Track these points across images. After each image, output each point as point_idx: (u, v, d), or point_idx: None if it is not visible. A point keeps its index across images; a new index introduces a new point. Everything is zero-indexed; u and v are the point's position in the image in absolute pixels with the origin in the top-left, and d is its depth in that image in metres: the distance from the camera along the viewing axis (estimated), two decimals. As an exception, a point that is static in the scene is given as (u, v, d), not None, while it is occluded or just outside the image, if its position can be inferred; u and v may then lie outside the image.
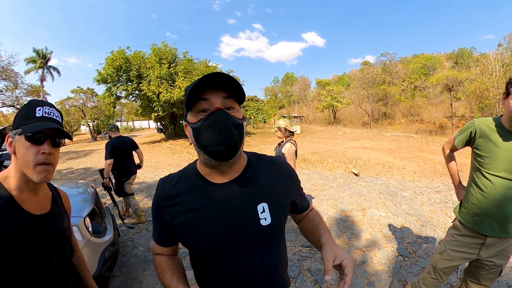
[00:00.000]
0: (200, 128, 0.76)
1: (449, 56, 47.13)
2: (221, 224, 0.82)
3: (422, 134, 20.81)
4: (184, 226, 0.84)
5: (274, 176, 0.92)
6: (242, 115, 0.83)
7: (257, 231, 0.84)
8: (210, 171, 0.85)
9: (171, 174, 0.94)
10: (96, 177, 8.93)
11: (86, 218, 2.38)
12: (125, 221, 4.17)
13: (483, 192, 1.57)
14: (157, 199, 0.91)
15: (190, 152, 14.03)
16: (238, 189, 0.85)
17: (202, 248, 0.84)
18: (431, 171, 7.70)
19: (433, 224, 3.94)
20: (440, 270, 1.80)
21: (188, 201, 0.85)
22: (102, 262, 2.29)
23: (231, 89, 0.77)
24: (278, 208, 0.88)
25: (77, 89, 37.84)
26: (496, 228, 1.55)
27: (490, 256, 1.62)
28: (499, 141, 1.50)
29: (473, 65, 25.94)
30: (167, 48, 20.62)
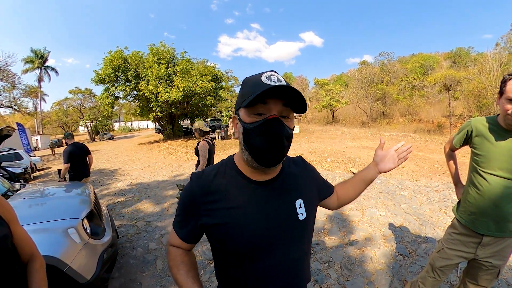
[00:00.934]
0: (253, 131, 0.76)
1: (447, 56, 47.28)
2: (264, 222, 0.83)
3: (420, 133, 20.87)
4: (226, 226, 0.81)
5: (303, 174, 0.98)
6: (293, 125, 0.83)
7: (295, 225, 0.87)
8: (251, 169, 0.85)
9: (205, 169, 0.91)
10: (95, 178, 8.91)
11: (84, 220, 2.37)
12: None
13: (479, 190, 1.57)
14: (191, 194, 0.86)
15: (188, 152, 14.01)
16: (278, 187, 0.87)
17: (246, 247, 0.82)
18: (430, 170, 7.71)
19: (433, 223, 3.94)
20: (438, 269, 1.80)
21: (230, 199, 0.83)
22: (100, 264, 2.27)
23: (291, 99, 0.76)
24: (311, 204, 0.94)
25: (75, 89, 37.77)
26: (492, 227, 1.55)
27: (487, 256, 1.61)
28: (495, 139, 1.50)
29: (471, 64, 26.08)
30: (165, 48, 20.62)
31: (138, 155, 14.91)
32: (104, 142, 30.83)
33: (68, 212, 2.39)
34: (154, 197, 5.94)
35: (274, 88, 0.71)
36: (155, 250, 3.47)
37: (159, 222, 4.39)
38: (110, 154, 16.77)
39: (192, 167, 10.00)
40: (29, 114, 35.16)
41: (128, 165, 11.51)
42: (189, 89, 18.30)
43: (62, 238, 2.09)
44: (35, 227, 2.04)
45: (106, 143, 29.52)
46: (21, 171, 9.52)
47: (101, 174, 9.63)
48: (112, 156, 15.78)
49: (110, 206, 5.49)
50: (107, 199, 6.12)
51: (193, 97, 19.71)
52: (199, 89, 18.73)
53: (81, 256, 2.11)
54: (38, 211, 2.51)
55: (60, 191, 3.15)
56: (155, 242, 3.68)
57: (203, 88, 18.87)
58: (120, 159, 13.83)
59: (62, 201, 2.80)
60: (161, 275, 2.92)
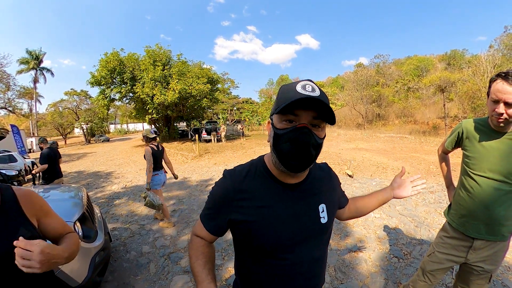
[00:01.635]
0: (282, 137, 0.79)
1: (442, 58, 47.66)
2: (290, 223, 0.87)
3: (415, 134, 20.99)
4: (255, 223, 0.86)
5: (327, 180, 1.03)
6: (324, 133, 0.85)
7: (318, 228, 0.93)
8: (280, 172, 0.88)
9: (237, 167, 0.95)
10: (90, 180, 8.83)
11: (76, 223, 2.34)
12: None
13: (470, 193, 1.55)
14: (225, 189, 0.90)
15: (184, 155, 13.95)
16: (304, 191, 0.92)
17: (272, 245, 0.87)
18: (425, 171, 7.75)
19: (428, 225, 3.94)
20: (428, 273, 1.78)
21: (259, 197, 0.87)
22: (92, 267, 2.24)
23: (322, 111, 0.78)
24: (332, 209, 1.00)
25: (71, 91, 37.48)
26: (483, 231, 1.52)
27: (478, 261, 1.58)
28: (485, 140, 1.49)
29: (465, 66, 26.38)
30: (161, 50, 20.60)
31: (133, 158, 14.82)
32: (100, 145, 30.62)
33: (59, 215, 2.35)
34: (149, 200, 5.89)
35: (302, 100, 0.73)
36: (149, 253, 3.44)
37: (153, 225, 4.35)
38: (105, 157, 16.65)
39: (186, 169, 9.96)
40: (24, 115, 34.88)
41: (123, 168, 11.43)
42: (185, 91, 18.28)
43: (53, 242, 2.06)
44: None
45: (102, 145, 29.32)
46: (15, 173, 9.39)
47: (96, 177, 9.55)
48: (107, 158, 15.67)
49: (104, 209, 5.43)
50: (101, 202, 6.06)
51: (189, 99, 19.70)
52: (195, 91, 18.72)
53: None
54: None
55: (52, 194, 3.11)
56: (148, 246, 3.65)
57: (199, 90, 18.87)
58: (116, 162, 13.73)
59: (54, 204, 2.73)
60: (154, 278, 2.89)
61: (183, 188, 6.86)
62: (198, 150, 13.82)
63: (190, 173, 9.12)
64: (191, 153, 14.19)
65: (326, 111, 0.77)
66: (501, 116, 1.32)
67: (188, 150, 15.62)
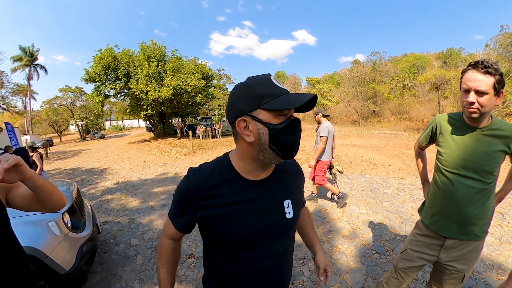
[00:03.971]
0: (284, 130, 0.81)
1: (438, 56, 47.92)
2: (255, 218, 0.90)
3: (410, 131, 21.16)
4: (221, 220, 0.88)
5: (294, 176, 1.05)
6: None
7: (283, 223, 0.95)
8: (250, 168, 0.90)
9: (202, 165, 0.96)
10: (84, 177, 8.87)
11: (65, 214, 2.44)
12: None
13: (441, 190, 1.50)
14: (188, 188, 0.91)
15: (178, 151, 14.00)
16: (269, 187, 0.94)
17: (238, 240, 0.90)
18: (416, 168, 7.80)
19: (413, 221, 3.87)
20: (400, 270, 1.74)
21: (224, 195, 0.88)
22: (80, 256, 2.35)
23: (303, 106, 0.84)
24: (297, 204, 1.02)
25: (65, 88, 37.23)
26: (454, 230, 1.48)
27: (450, 260, 1.54)
28: (458, 136, 1.43)
29: (461, 64, 26.59)
30: (155, 46, 20.49)
31: (128, 154, 14.83)
32: (95, 141, 30.51)
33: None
34: (140, 195, 5.97)
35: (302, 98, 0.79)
36: (137, 246, 3.53)
37: (142, 219, 4.43)
38: (100, 153, 16.62)
39: (180, 165, 10.01)
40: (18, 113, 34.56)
41: (117, 164, 11.46)
42: (180, 88, 18.24)
43: (43, 231, 2.18)
44: (18, 220, 2.09)
45: (97, 142, 29.22)
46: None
47: (90, 173, 9.58)
48: (102, 155, 15.65)
49: (97, 204, 5.50)
50: (94, 197, 6.11)
51: (183, 95, 19.66)
52: (190, 87, 18.67)
53: (61, 248, 2.20)
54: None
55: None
56: (137, 238, 3.74)
57: (194, 86, 18.81)
58: (110, 158, 13.73)
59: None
60: (140, 269, 2.98)
61: (174, 183, 6.96)
62: (192, 146, 13.86)
63: (183, 169, 9.20)
64: (185, 149, 14.24)
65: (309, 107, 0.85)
66: (472, 105, 1.28)
67: (182, 146, 15.65)
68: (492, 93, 1.26)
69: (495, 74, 1.24)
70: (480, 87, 1.24)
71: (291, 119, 0.82)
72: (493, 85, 1.24)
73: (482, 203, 1.41)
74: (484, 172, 1.37)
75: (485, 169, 1.37)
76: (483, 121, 1.36)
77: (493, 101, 1.27)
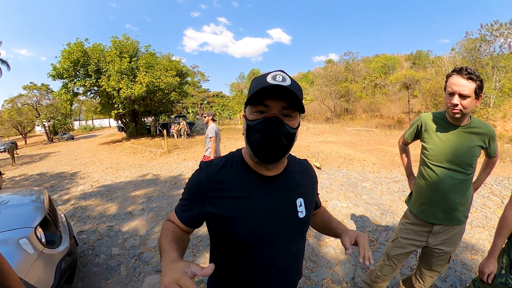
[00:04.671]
0: (253, 128, 0.79)
1: (408, 57, 50.46)
2: (267, 215, 0.86)
3: (381, 128, 22.08)
4: (230, 216, 0.84)
5: (305, 176, 1.01)
6: (298, 123, 0.85)
7: (295, 222, 0.92)
8: (256, 164, 0.87)
9: (214, 159, 0.94)
10: (53, 183, 8.32)
11: (37, 228, 2.20)
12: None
13: (428, 182, 1.66)
14: (199, 180, 0.89)
15: (152, 151, 13.57)
16: (281, 184, 0.90)
17: (249, 238, 0.85)
18: (390, 162, 8.19)
19: (392, 212, 4.16)
20: (393, 257, 1.88)
21: (235, 189, 0.85)
22: (58, 275, 2.12)
23: (293, 100, 0.77)
24: (310, 203, 0.98)
25: (30, 85, 34.80)
26: (440, 216, 1.64)
27: (438, 244, 1.71)
28: (442, 133, 1.59)
29: (429, 66, 28.40)
30: (128, 41, 19.65)
31: (99, 156, 14.14)
32: (64, 143, 28.78)
33: (18, 221, 2.19)
34: (116, 200, 5.67)
35: (270, 88, 0.73)
36: (119, 255, 3.33)
37: (122, 226, 4.21)
38: (69, 156, 15.71)
39: (155, 166, 9.69)
40: (-26, 113, 31.86)
41: (89, 167, 10.87)
42: (153, 85, 17.60)
43: (13, 250, 1.92)
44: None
45: (66, 144, 27.59)
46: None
47: (60, 178, 9.00)
48: (71, 158, 14.80)
49: (70, 211, 5.15)
50: (67, 204, 5.73)
51: (157, 93, 19.00)
52: (163, 84, 18.11)
53: (36, 268, 1.96)
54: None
55: (10, 199, 2.89)
56: (118, 247, 3.53)
57: (168, 83, 18.28)
58: (81, 161, 13.02)
59: (11, 209, 2.56)
60: (125, 281, 2.81)
61: (152, 186, 6.69)
62: (167, 146, 13.48)
63: (159, 170, 8.89)
64: (160, 149, 13.82)
65: (297, 100, 0.77)
66: (456, 107, 1.42)
67: (157, 146, 15.19)
68: (473, 97, 1.42)
69: (476, 80, 1.41)
70: (463, 91, 1.40)
71: (268, 117, 0.77)
72: (475, 90, 1.41)
73: (463, 192, 1.60)
74: (465, 165, 1.55)
75: (466, 162, 1.55)
76: (464, 120, 1.53)
77: (473, 103, 1.44)
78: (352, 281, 2.62)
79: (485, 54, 22.36)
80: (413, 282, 2.01)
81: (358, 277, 2.66)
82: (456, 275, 2.63)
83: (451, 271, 2.67)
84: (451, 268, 2.71)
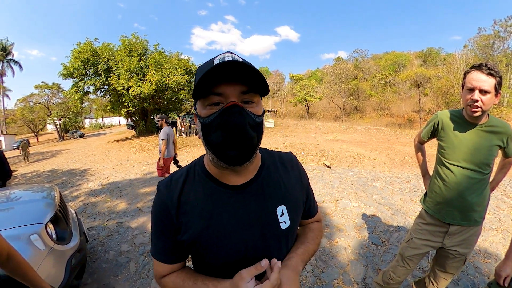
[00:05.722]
0: (210, 125, 0.64)
1: (418, 55, 49.69)
2: (242, 232, 0.73)
3: (391, 127, 21.74)
4: (202, 238, 0.72)
5: (287, 175, 0.84)
6: (263, 109, 0.70)
7: (278, 235, 0.77)
8: (222, 171, 0.73)
9: (173, 175, 0.79)
10: (64, 179, 8.46)
11: (48, 224, 2.22)
12: None
13: (445, 181, 1.62)
14: (162, 206, 0.74)
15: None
16: (255, 192, 0.76)
17: (223, 261, 0.73)
18: (401, 162, 8.04)
19: (404, 213, 4.08)
20: (407, 258, 1.84)
21: (202, 207, 0.72)
22: (69, 271, 2.14)
23: (252, 80, 0.63)
24: (295, 210, 0.82)
25: (42, 84, 35.50)
26: (457, 217, 1.61)
27: (454, 245, 1.66)
28: (459, 131, 1.55)
29: (440, 63, 27.79)
30: (137, 40, 19.88)
31: (109, 153, 14.33)
32: (74, 141, 29.35)
33: (29, 217, 2.22)
34: (126, 197, 5.73)
35: (221, 68, 0.58)
36: (128, 252, 3.35)
37: (131, 223, 4.23)
38: (80, 153, 15.99)
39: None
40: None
41: (99, 164, 11.03)
42: (162, 83, 17.77)
43: (24, 246, 1.93)
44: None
45: (76, 141, 28.13)
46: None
47: (71, 175, 9.15)
48: (82, 155, 15.05)
49: (81, 208, 5.22)
50: (77, 200, 5.82)
51: (166, 91, 19.20)
52: (172, 83, 18.25)
53: (46, 263, 1.98)
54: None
55: (22, 195, 2.94)
56: (127, 244, 3.55)
57: (177, 81, 18.41)
58: (91, 158, 13.22)
59: (23, 205, 2.60)
60: (134, 277, 2.82)
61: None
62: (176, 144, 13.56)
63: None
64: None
65: (257, 80, 0.63)
66: (476, 103, 1.38)
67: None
68: (493, 93, 1.39)
69: (496, 76, 1.38)
70: (483, 87, 1.37)
71: (225, 107, 0.62)
72: (495, 86, 1.38)
73: (480, 192, 1.56)
74: (483, 164, 1.51)
75: (484, 161, 1.51)
76: (482, 119, 1.50)
77: (492, 100, 1.41)
78: (363, 282, 2.58)
79: (499, 51, 21.82)
80: (426, 284, 1.96)
81: (369, 278, 2.62)
82: (469, 279, 2.55)
83: (464, 275, 2.60)
84: (463, 271, 2.64)
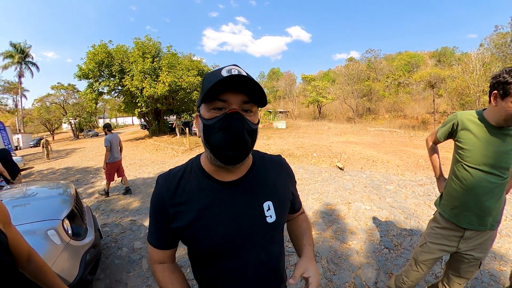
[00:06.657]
0: (212, 127, 0.73)
1: (432, 54, 48.50)
2: (229, 224, 0.81)
3: (405, 129, 21.33)
4: (193, 226, 0.81)
5: (276, 175, 0.94)
6: (258, 119, 0.80)
7: (264, 228, 0.85)
8: (216, 169, 0.83)
9: (171, 170, 0.89)
10: (79, 177, 8.67)
11: (65, 220, 2.28)
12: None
13: (463, 184, 1.57)
14: (159, 196, 0.85)
15: (174, 148, 13.83)
16: (244, 188, 0.85)
17: (211, 249, 0.82)
18: (414, 164, 7.88)
19: (417, 216, 4.01)
20: (421, 263, 1.81)
21: (195, 199, 0.82)
22: (83, 266, 2.20)
23: (253, 92, 0.73)
24: (281, 206, 0.90)
25: (58, 85, 36.51)
26: (474, 221, 1.56)
27: (469, 250, 1.63)
28: (481, 134, 1.49)
29: (455, 63, 26.92)
30: (150, 42, 20.23)
31: (123, 153, 14.46)
32: (89, 140, 30.08)
33: (47, 213, 2.29)
34: (139, 195, 5.84)
35: (229, 79, 0.67)
36: (141, 249, 3.41)
37: (144, 221, 4.31)
38: (94, 152, 16.37)
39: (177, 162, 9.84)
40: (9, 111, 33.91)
41: (113, 163, 11.25)
42: (175, 84, 17.98)
43: (41, 241, 2.00)
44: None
45: (91, 140, 28.81)
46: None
47: (85, 173, 9.38)
48: (96, 153, 15.40)
49: (95, 205, 5.36)
50: (92, 198, 5.97)
51: (179, 92, 19.40)
52: (185, 84, 18.45)
53: (62, 258, 2.04)
54: (15, 213, 2.40)
55: (39, 191, 3.03)
56: (140, 241, 3.61)
57: (189, 82, 18.60)
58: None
59: (40, 201, 2.68)
60: (146, 274, 2.87)
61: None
62: (189, 144, 13.70)
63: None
64: (182, 146, 14.07)
65: (257, 93, 0.72)
66: None
67: (179, 143, 15.46)
68: None
69: None
70: None
71: (228, 113, 0.71)
72: None
73: (499, 197, 1.52)
74: (503, 169, 1.47)
75: (505, 166, 1.46)
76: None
77: None
78: (375, 286, 2.54)
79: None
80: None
81: (381, 282, 2.58)
82: (483, 286, 2.48)
83: (478, 282, 2.52)
84: (477, 278, 2.57)
